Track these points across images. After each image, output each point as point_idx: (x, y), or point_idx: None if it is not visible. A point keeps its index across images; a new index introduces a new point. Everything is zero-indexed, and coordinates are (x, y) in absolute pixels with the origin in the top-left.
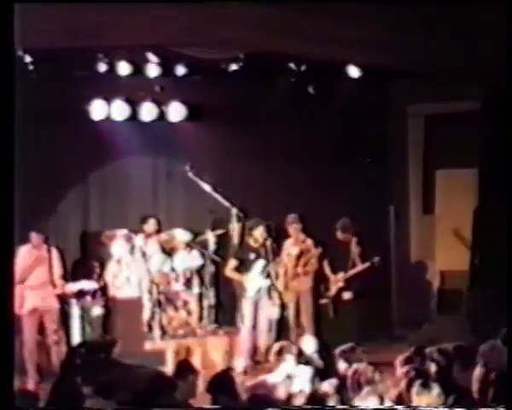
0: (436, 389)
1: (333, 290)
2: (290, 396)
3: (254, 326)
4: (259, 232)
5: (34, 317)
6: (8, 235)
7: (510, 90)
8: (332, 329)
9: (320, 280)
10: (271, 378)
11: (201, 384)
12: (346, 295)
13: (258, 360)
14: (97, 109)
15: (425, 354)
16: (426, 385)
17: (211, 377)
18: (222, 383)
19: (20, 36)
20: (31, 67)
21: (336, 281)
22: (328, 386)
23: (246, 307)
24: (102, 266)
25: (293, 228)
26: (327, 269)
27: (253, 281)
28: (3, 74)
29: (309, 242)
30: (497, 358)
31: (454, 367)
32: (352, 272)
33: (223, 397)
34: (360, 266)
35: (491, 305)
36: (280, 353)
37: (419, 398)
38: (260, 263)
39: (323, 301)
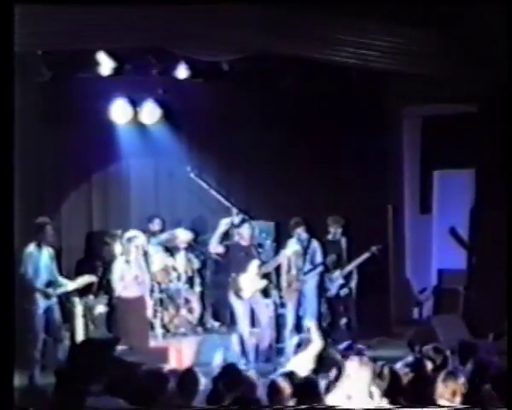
0: (463, 379)
1: (333, 290)
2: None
3: (253, 325)
4: (246, 230)
5: (46, 315)
6: (8, 236)
7: (508, 91)
8: (332, 327)
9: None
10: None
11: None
12: (343, 292)
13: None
14: (99, 111)
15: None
16: (452, 373)
17: (217, 373)
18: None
19: (21, 37)
20: (31, 68)
21: (335, 279)
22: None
23: (239, 308)
24: (105, 266)
25: (296, 233)
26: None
27: (251, 283)
28: (4, 75)
29: (315, 243)
30: None
31: (450, 365)
32: (350, 266)
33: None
34: (359, 258)
35: (488, 304)
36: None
37: (444, 385)
38: (255, 264)
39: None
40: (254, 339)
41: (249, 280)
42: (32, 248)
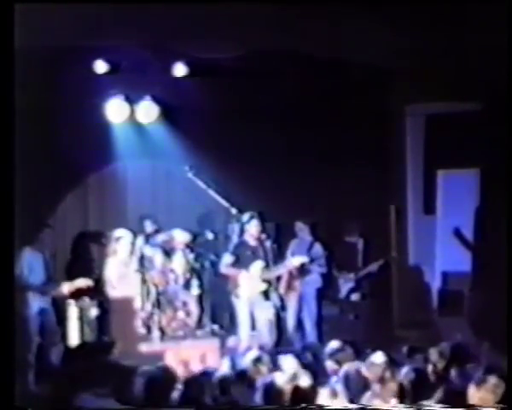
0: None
1: (343, 292)
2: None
3: (253, 327)
4: (254, 226)
5: (40, 318)
6: (8, 236)
7: (511, 89)
8: (333, 331)
9: (328, 282)
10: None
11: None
12: (354, 297)
13: None
14: (96, 109)
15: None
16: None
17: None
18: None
19: (20, 35)
20: (31, 67)
21: (346, 281)
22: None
23: (240, 307)
24: (101, 267)
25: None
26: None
27: (250, 283)
28: (3, 74)
29: (317, 244)
30: None
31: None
32: (364, 271)
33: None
34: (373, 265)
35: (493, 306)
36: None
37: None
38: (258, 265)
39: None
40: (254, 342)
41: (249, 279)
42: (28, 250)
